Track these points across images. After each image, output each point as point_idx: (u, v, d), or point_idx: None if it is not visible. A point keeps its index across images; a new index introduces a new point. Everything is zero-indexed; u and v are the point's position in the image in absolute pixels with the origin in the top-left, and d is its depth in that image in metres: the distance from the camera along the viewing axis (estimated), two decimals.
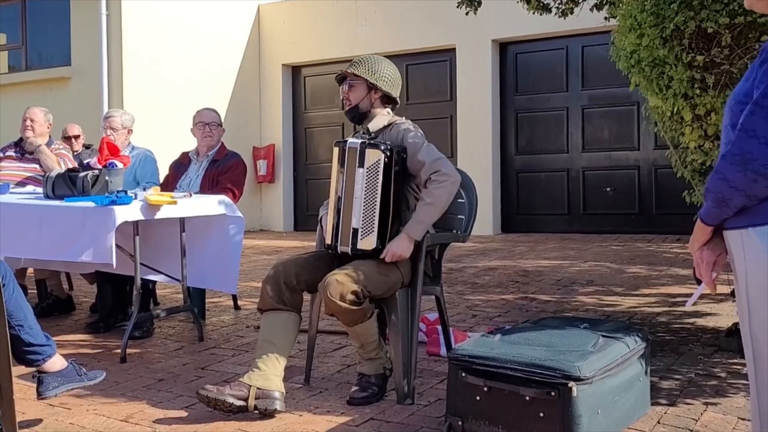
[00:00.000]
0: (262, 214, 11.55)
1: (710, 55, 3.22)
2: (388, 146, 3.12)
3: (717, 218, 1.73)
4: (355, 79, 3.28)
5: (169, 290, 5.74)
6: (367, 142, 3.15)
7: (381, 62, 3.31)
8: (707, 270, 1.79)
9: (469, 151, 9.77)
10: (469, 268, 6.78)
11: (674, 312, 4.71)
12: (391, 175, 3.11)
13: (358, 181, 3.12)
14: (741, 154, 1.61)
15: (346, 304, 2.93)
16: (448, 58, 10.19)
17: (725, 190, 1.65)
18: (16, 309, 2.70)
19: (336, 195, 3.20)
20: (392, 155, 3.11)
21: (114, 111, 5.43)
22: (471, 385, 2.60)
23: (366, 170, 3.11)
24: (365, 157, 3.11)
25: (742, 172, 1.61)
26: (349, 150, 3.17)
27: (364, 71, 3.26)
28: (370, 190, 3.11)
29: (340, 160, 3.19)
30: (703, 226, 1.77)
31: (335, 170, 3.22)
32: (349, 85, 3.29)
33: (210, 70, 10.53)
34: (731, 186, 1.64)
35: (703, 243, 1.79)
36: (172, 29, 10.01)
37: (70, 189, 3.94)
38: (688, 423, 2.79)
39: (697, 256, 1.81)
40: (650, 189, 9.23)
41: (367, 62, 3.29)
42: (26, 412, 3.02)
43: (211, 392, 2.88)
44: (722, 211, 1.70)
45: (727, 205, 1.67)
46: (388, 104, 3.37)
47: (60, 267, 4.86)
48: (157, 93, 9.69)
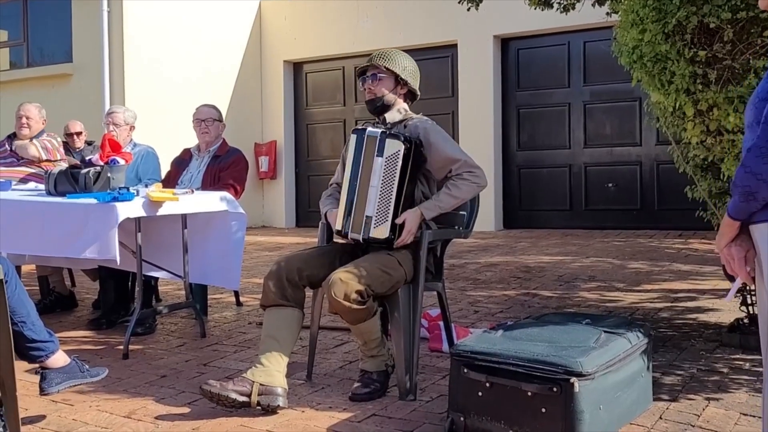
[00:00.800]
0: (264, 211, 11.56)
1: (712, 50, 3.21)
2: (408, 138, 3.14)
3: (745, 212, 1.74)
4: (385, 72, 3.30)
5: (171, 287, 5.74)
6: (388, 132, 3.18)
7: (405, 57, 3.36)
8: (741, 266, 1.80)
9: (471, 147, 9.62)
10: (471, 264, 6.78)
11: (676, 308, 4.71)
12: (408, 167, 3.12)
13: (376, 170, 3.13)
14: (767, 146, 1.64)
15: (351, 303, 2.93)
16: (450, 54, 10.18)
17: (752, 183, 1.68)
18: (18, 305, 2.70)
19: (350, 182, 3.21)
20: (412, 147, 3.12)
21: (116, 107, 5.44)
22: (473, 380, 2.60)
23: (385, 160, 3.12)
24: (385, 147, 3.12)
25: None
26: (369, 138, 3.18)
27: (394, 66, 3.29)
28: (387, 180, 3.12)
29: (357, 148, 3.20)
30: (730, 222, 1.78)
31: (350, 158, 3.23)
32: (379, 78, 3.30)
33: (211, 67, 10.53)
34: (759, 179, 1.67)
35: (730, 239, 1.80)
36: (173, 26, 10.01)
37: (72, 186, 3.94)
38: (690, 418, 2.79)
39: (726, 253, 1.81)
40: (652, 185, 9.22)
41: (394, 56, 3.31)
42: (29, 408, 3.02)
43: (214, 388, 2.89)
44: (750, 204, 1.71)
45: (755, 198, 1.70)
46: (409, 99, 3.41)
47: (62, 263, 4.86)
48: (158, 89, 9.69)
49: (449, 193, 3.19)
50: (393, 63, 3.29)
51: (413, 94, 3.39)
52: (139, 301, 4.02)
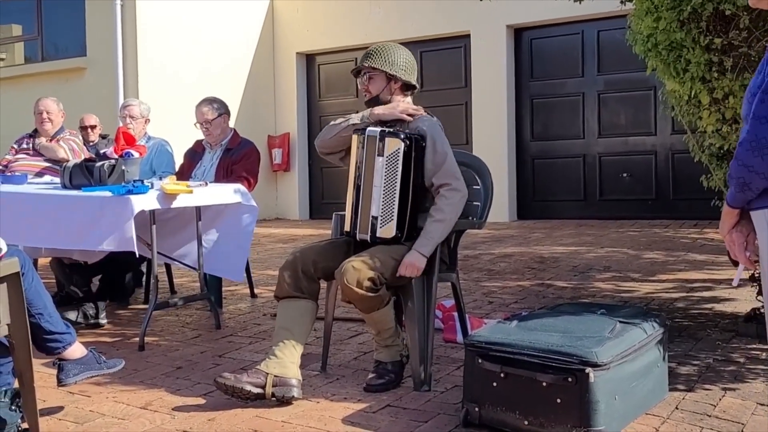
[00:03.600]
0: (278, 203, 11.58)
1: (728, 37, 3.18)
2: (407, 134, 3.12)
3: (742, 201, 1.84)
4: (373, 71, 3.28)
5: (186, 278, 5.77)
6: (387, 130, 3.16)
7: (395, 50, 3.29)
8: (740, 250, 1.89)
9: (485, 138, 9.73)
10: (485, 255, 6.77)
11: (692, 297, 4.69)
12: (411, 164, 3.11)
13: (378, 170, 3.13)
14: (756, 140, 1.72)
15: (363, 290, 2.94)
16: (463, 45, 10.14)
17: (745, 174, 1.76)
18: (35, 297, 2.72)
19: (355, 183, 3.21)
20: (412, 144, 3.11)
21: (131, 100, 5.47)
22: (488, 371, 2.60)
23: (386, 159, 3.11)
24: (385, 146, 3.11)
25: (759, 156, 1.73)
26: (369, 138, 3.17)
27: (381, 63, 3.24)
28: (389, 179, 3.11)
29: (360, 148, 3.19)
30: (729, 210, 1.88)
31: (354, 158, 3.22)
32: (369, 78, 3.29)
33: (224, 60, 10.54)
34: (751, 170, 1.75)
35: (731, 226, 1.89)
36: (186, 19, 10.02)
37: (87, 179, 3.96)
38: (707, 408, 2.78)
39: (728, 239, 1.91)
40: (667, 174, 9.15)
41: (382, 53, 3.26)
42: (47, 400, 3.05)
43: (228, 380, 2.90)
44: (745, 194, 1.81)
45: (750, 188, 1.78)
46: (407, 91, 3.37)
47: (79, 256, 4.89)
48: (171, 82, 9.71)
49: (436, 220, 3.13)
50: (379, 60, 3.24)
51: (411, 86, 3.35)
52: (155, 293, 4.04)
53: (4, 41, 11.08)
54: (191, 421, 2.82)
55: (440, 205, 3.15)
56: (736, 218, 1.89)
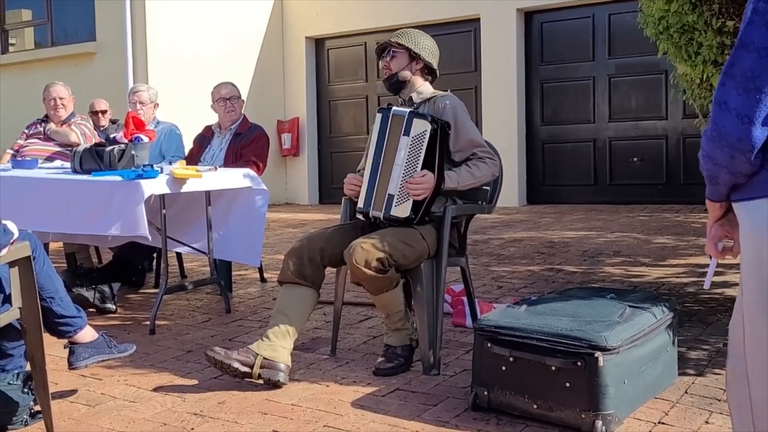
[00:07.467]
0: (288, 188, 11.58)
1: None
2: (435, 118, 3.13)
3: (717, 194, 1.65)
4: (398, 48, 3.32)
5: (196, 263, 5.79)
6: (415, 111, 3.17)
7: (422, 35, 3.38)
8: (710, 245, 1.73)
9: (495, 122, 9.69)
10: (495, 240, 6.76)
11: (702, 282, 4.67)
12: (435, 147, 3.11)
13: (402, 149, 3.13)
14: (717, 129, 1.52)
15: (371, 270, 2.94)
16: (473, 29, 10.08)
17: (711, 167, 1.58)
18: (47, 281, 2.74)
19: (373, 160, 3.21)
20: (438, 128, 3.12)
21: (140, 85, 5.47)
22: (497, 355, 2.61)
23: (411, 139, 3.12)
24: (411, 126, 3.12)
25: (719, 148, 1.52)
26: (395, 117, 3.18)
27: (407, 41, 3.31)
28: (411, 159, 3.12)
29: (382, 127, 3.20)
30: (709, 203, 1.70)
31: (375, 136, 3.23)
32: (392, 55, 3.33)
33: (233, 44, 10.52)
34: (714, 163, 1.56)
35: (715, 219, 1.72)
36: (195, 3, 9.99)
37: (97, 163, 3.98)
38: (716, 393, 2.77)
39: (707, 232, 1.74)
40: (678, 158, 9.11)
41: (409, 33, 3.35)
42: (59, 383, 3.08)
43: (218, 354, 2.93)
44: (716, 188, 1.62)
45: (718, 182, 1.60)
46: (428, 76, 3.39)
47: (88, 241, 4.92)
48: (181, 67, 9.70)
49: (470, 171, 3.21)
50: (406, 39, 3.31)
51: (432, 70, 3.37)
52: (165, 277, 4.06)
53: (14, 26, 11.08)
54: (202, 404, 2.84)
55: (480, 165, 3.24)
56: (720, 211, 1.69)
